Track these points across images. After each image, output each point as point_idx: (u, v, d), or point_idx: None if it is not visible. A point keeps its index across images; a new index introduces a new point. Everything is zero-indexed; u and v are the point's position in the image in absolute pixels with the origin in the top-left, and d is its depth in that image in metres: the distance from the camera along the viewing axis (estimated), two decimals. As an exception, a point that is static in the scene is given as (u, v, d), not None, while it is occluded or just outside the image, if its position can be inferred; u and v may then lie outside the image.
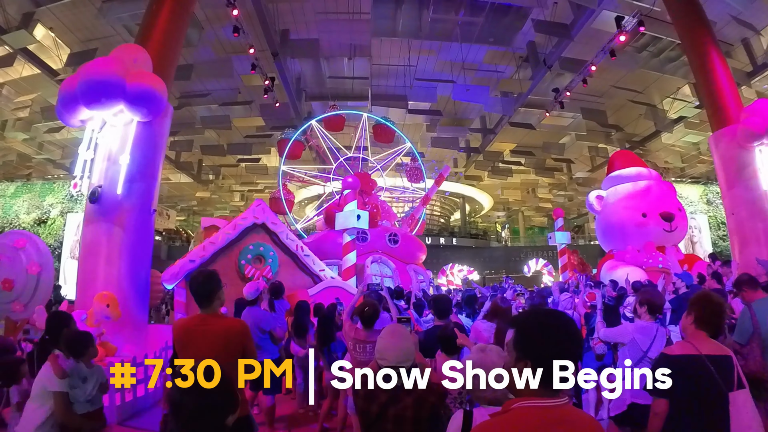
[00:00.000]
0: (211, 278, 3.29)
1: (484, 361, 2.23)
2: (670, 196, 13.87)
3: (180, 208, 36.28)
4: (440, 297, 5.13)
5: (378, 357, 2.54)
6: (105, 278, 7.91)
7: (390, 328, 2.69)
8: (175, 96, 19.78)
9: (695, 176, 27.64)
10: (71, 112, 8.41)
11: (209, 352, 3.00)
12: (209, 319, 3.22)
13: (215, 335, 3.12)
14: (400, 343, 2.52)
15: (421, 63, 19.61)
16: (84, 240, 8.42)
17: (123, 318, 7.41)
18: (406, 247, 15.65)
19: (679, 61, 17.73)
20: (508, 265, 29.51)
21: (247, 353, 3.22)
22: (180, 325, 3.32)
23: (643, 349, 3.98)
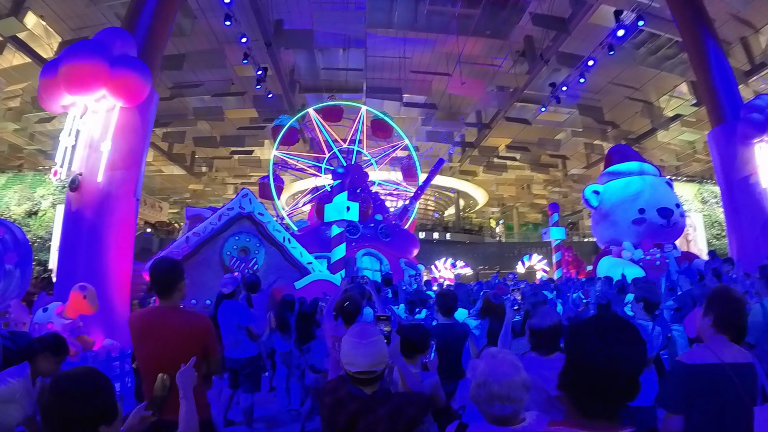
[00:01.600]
0: (173, 267, 3.02)
1: (495, 371, 1.84)
2: (668, 192, 13.65)
3: (173, 201, 35.93)
4: (446, 292, 4.59)
5: (345, 362, 2.21)
6: (85, 269, 7.68)
7: (357, 327, 2.35)
8: (167, 86, 19.50)
9: (690, 175, 27.53)
10: (53, 97, 8.19)
11: (166, 348, 2.78)
12: (168, 312, 2.95)
13: (174, 331, 2.85)
14: (369, 344, 2.19)
15: (416, 55, 19.35)
16: (64, 229, 8.21)
17: (103, 310, 7.18)
18: (398, 240, 15.43)
19: (677, 59, 17.62)
20: (502, 262, 29.26)
21: (208, 352, 2.97)
22: (136, 317, 3.04)
23: None
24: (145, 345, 2.90)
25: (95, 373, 1.69)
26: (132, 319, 3.01)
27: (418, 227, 30.92)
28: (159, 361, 2.75)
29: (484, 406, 1.83)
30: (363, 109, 18.51)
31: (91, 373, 1.68)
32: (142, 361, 3.03)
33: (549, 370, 2.69)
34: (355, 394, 2.15)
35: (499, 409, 1.80)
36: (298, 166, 19.21)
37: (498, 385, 1.79)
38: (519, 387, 1.81)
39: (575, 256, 19.35)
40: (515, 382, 1.81)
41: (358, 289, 5.74)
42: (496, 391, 1.79)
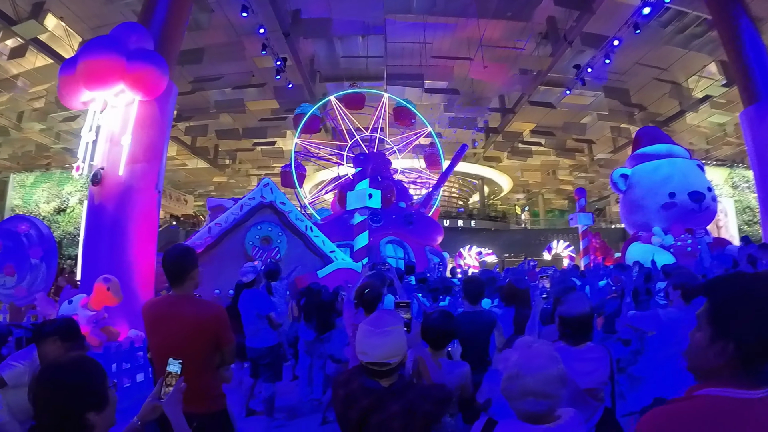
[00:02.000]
0: (185, 254, 2.94)
1: (530, 363, 1.69)
2: (699, 175, 13.20)
3: (197, 194, 36.40)
4: (473, 278, 4.37)
5: (358, 351, 2.08)
6: (109, 261, 7.76)
7: (374, 315, 2.22)
8: (188, 80, 19.61)
9: (720, 159, 26.75)
10: (72, 94, 8.27)
11: (178, 338, 2.71)
12: (180, 301, 2.87)
13: (186, 320, 2.77)
14: (384, 334, 2.04)
15: (437, 41, 19.04)
16: (87, 223, 8.31)
17: (127, 302, 7.24)
18: (421, 228, 15.28)
19: (706, 37, 16.90)
20: (527, 249, 28.92)
21: (221, 342, 2.89)
22: (148, 306, 2.97)
23: (673, 339, 3.48)
24: (157, 334, 2.85)
25: (83, 361, 1.64)
26: (144, 308, 2.95)
27: (442, 215, 30.73)
28: (170, 351, 2.67)
29: (516, 402, 1.68)
30: (385, 97, 18.33)
31: (78, 361, 1.63)
32: (154, 350, 3.00)
33: (579, 361, 2.54)
34: (368, 386, 2.02)
35: (533, 405, 1.65)
36: (320, 154, 19.12)
37: (532, 379, 1.64)
38: (555, 381, 1.66)
39: (603, 242, 19.00)
40: (551, 375, 1.66)
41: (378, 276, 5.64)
42: (530, 385, 1.64)
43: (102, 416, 1.58)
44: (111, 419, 1.64)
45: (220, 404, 2.92)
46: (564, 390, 1.68)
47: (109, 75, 7.79)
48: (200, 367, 2.78)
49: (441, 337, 3.09)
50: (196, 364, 2.73)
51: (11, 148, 25.03)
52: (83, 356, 1.68)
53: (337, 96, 18.29)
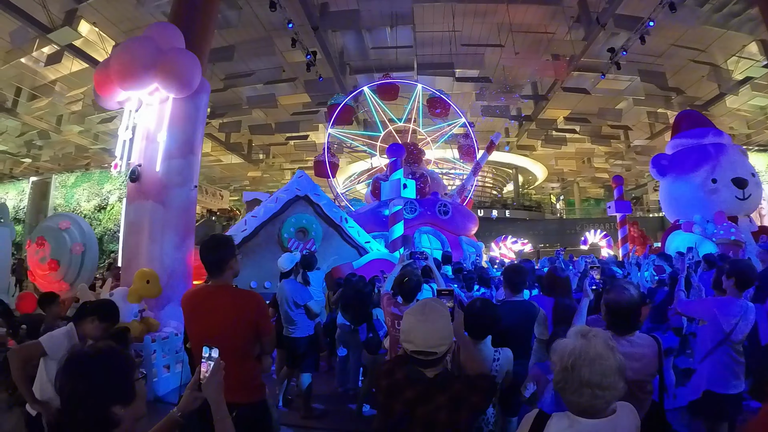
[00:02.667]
0: (223, 244, 2.95)
1: (586, 353, 1.60)
2: (742, 161, 12.68)
3: (233, 189, 36.98)
4: (514, 268, 4.21)
5: (403, 339, 2.04)
6: (148, 255, 7.91)
7: (420, 302, 2.16)
8: (220, 78, 19.90)
9: (763, 144, 25.72)
10: (108, 94, 8.45)
11: (218, 327, 2.72)
12: (219, 290, 2.87)
13: (224, 309, 2.78)
14: (431, 322, 1.99)
15: (466, 28, 18.77)
16: (127, 218, 8.51)
17: (166, 294, 7.39)
18: (456, 218, 15.16)
19: (744, 15, 16.15)
20: (563, 238, 28.58)
21: (261, 332, 2.90)
22: (188, 296, 2.98)
23: (725, 330, 3.35)
24: (196, 323, 2.85)
25: (109, 352, 1.59)
26: (184, 298, 2.97)
27: (476, 204, 30.49)
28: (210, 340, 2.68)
29: (571, 395, 1.60)
30: (419, 87, 18.18)
31: (103, 352, 1.58)
32: (193, 339, 2.99)
33: (627, 351, 2.44)
34: (414, 377, 1.97)
35: (589, 398, 1.57)
36: (353, 145, 19.08)
37: (589, 370, 1.56)
38: (614, 373, 1.58)
39: (641, 231, 18.55)
40: (610, 366, 1.58)
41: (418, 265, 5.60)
42: (586, 376, 1.56)
43: (129, 410, 1.54)
44: (139, 412, 1.60)
45: (260, 394, 2.93)
46: (623, 382, 1.60)
47: (143, 74, 7.91)
48: (240, 356, 2.79)
49: (484, 326, 3.03)
50: (236, 354, 2.75)
51: (52, 150, 26.08)
52: (110, 347, 1.62)
53: (370, 86, 18.19)
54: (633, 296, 2.58)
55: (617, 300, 2.57)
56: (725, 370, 3.37)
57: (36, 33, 15.15)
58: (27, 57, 17.20)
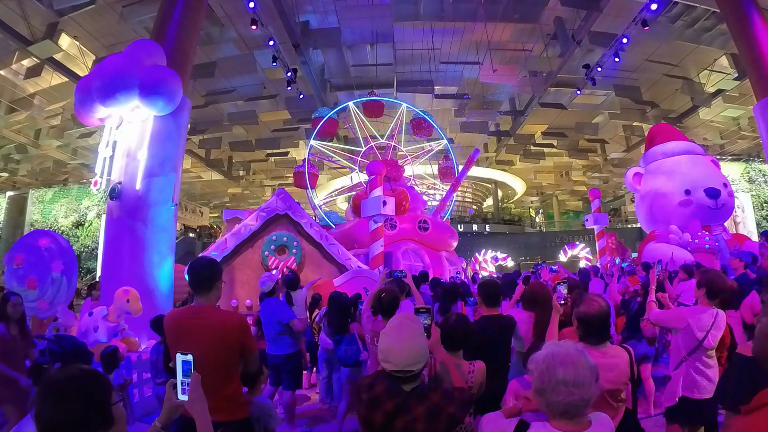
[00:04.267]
0: (214, 265, 3.02)
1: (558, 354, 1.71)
2: (714, 171, 13.05)
3: (213, 205, 36.77)
4: (489, 281, 4.32)
5: (381, 359, 2.09)
6: (128, 274, 7.86)
7: (396, 321, 2.21)
8: (201, 94, 19.90)
9: (736, 153, 26.43)
10: (88, 110, 8.43)
11: (203, 348, 2.71)
12: (205, 311, 2.91)
13: (211, 329, 2.81)
14: (407, 341, 2.06)
15: (445, 46, 19.11)
16: (106, 237, 8.44)
17: (147, 314, 7.33)
18: (436, 234, 15.27)
19: (715, 30, 16.76)
20: (543, 251, 28.83)
21: (246, 350, 2.94)
22: (172, 317, 3.00)
23: (698, 337, 3.47)
24: (181, 343, 2.77)
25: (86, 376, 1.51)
26: (167, 319, 2.98)
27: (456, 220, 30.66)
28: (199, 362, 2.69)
29: (549, 394, 1.68)
30: (403, 106, 18.33)
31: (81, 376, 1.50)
32: None
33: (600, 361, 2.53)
34: (393, 390, 2.03)
35: (566, 395, 1.64)
36: (334, 158, 19.06)
37: (563, 368, 1.66)
38: (586, 369, 1.67)
39: (619, 242, 18.83)
40: (582, 363, 1.67)
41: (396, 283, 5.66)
42: (560, 374, 1.65)
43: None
44: None
45: (244, 412, 2.95)
46: (596, 383, 1.69)
47: (124, 91, 7.92)
48: (225, 375, 2.83)
49: (459, 339, 3.10)
50: (221, 373, 2.79)
51: (30, 164, 25.61)
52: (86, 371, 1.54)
53: (356, 102, 18.31)
54: (602, 307, 2.67)
55: (587, 312, 2.66)
56: (699, 376, 3.48)
57: (16, 45, 15.03)
58: (6, 69, 16.99)
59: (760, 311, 4.77)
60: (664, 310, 4.19)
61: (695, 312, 3.60)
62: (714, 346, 3.50)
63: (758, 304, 5.41)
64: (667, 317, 3.87)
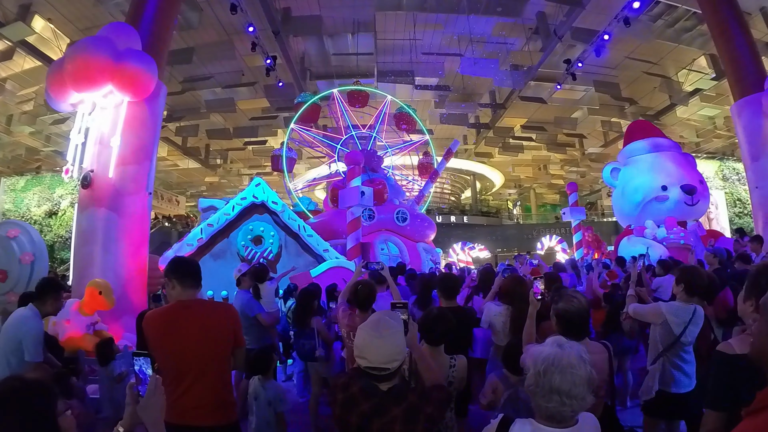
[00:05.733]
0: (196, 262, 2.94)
1: (560, 361, 1.64)
2: (691, 168, 13.23)
3: (189, 194, 36.32)
4: (448, 276, 4.60)
5: (357, 355, 2.03)
6: (101, 265, 7.69)
7: (373, 318, 2.14)
8: (178, 80, 19.57)
9: (711, 151, 26.94)
10: (60, 95, 8.19)
11: (196, 341, 2.62)
12: (193, 304, 2.75)
13: (207, 322, 2.69)
14: (384, 338, 1.99)
15: (427, 37, 19.02)
16: (78, 227, 8.21)
17: (120, 306, 7.18)
18: (414, 225, 15.24)
19: (695, 31, 17.06)
20: (520, 243, 28.99)
21: (237, 342, 2.85)
22: (156, 316, 2.76)
23: (675, 333, 3.51)
24: (171, 342, 2.62)
25: (27, 388, 1.44)
26: (149, 320, 2.73)
27: (434, 211, 30.71)
28: (188, 357, 2.59)
29: (540, 399, 1.65)
30: (388, 99, 18.16)
31: (21, 388, 1.43)
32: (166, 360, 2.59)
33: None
34: (369, 390, 1.98)
35: (557, 404, 1.61)
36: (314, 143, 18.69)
37: (561, 377, 1.61)
38: (584, 383, 1.62)
39: (596, 236, 19.03)
40: (580, 377, 1.62)
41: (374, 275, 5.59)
42: (557, 383, 1.60)
43: None
44: None
45: (234, 414, 2.83)
46: (591, 395, 1.65)
47: (98, 76, 7.69)
48: (218, 372, 2.72)
49: (441, 333, 3.05)
50: (215, 370, 2.69)
51: (1, 152, 24.87)
52: (25, 382, 1.46)
53: (341, 90, 18.10)
54: (581, 304, 2.68)
55: (566, 309, 2.67)
56: (676, 370, 3.53)
57: (-14, 27, 14.46)
58: (-25, 52, 16.39)
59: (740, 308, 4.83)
60: (643, 304, 4.23)
61: (674, 307, 3.63)
62: (692, 341, 3.54)
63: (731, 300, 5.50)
64: (645, 311, 3.90)
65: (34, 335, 3.75)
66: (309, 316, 5.26)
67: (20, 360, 3.69)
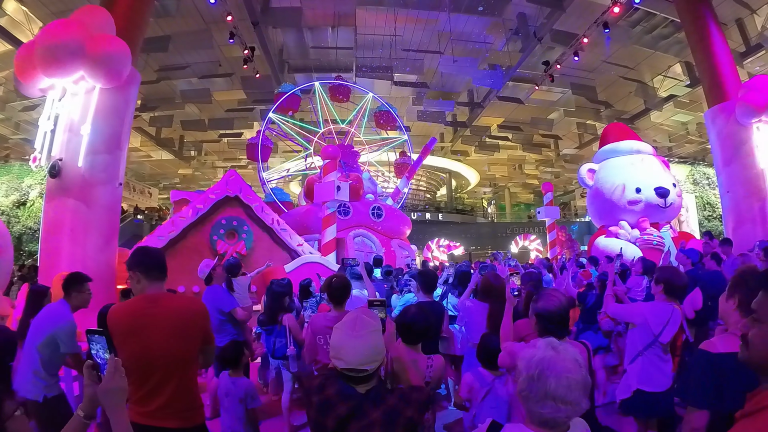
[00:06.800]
0: (161, 251, 2.75)
1: (555, 365, 1.56)
2: (664, 171, 13.48)
3: (162, 186, 35.63)
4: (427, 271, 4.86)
5: (332, 356, 1.92)
6: (69, 258, 7.48)
7: (351, 316, 2.02)
8: (153, 69, 19.17)
9: (682, 156, 27.49)
10: (29, 80, 7.93)
11: (163, 339, 2.44)
12: (161, 298, 2.56)
13: (172, 317, 2.50)
14: (361, 338, 1.89)
15: (407, 33, 18.96)
16: (46, 217, 7.95)
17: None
18: (390, 221, 15.19)
19: (672, 38, 17.45)
20: (494, 241, 29.21)
21: (206, 340, 2.66)
22: (121, 311, 2.55)
23: (654, 332, 3.55)
24: (136, 340, 2.42)
25: None
26: (113, 316, 2.51)
27: (409, 207, 30.74)
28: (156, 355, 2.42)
29: (534, 404, 1.56)
30: (369, 96, 18.03)
31: None
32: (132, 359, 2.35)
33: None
34: (346, 393, 1.88)
35: (552, 410, 1.53)
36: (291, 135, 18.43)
37: (556, 382, 1.52)
38: (579, 388, 1.54)
39: (569, 235, 19.28)
40: (576, 381, 1.54)
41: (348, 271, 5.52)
42: (552, 388, 1.52)
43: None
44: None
45: (201, 416, 2.67)
46: (586, 400, 1.58)
47: (69, 61, 7.45)
48: (186, 370, 2.57)
49: (419, 332, 2.95)
50: (184, 369, 2.54)
51: (-32, 139, 24.08)
52: None
53: (323, 83, 17.91)
54: (562, 302, 2.62)
55: (547, 308, 2.60)
56: (654, 369, 3.57)
57: (-46, 9, 13.93)
58: (-57, 35, 15.76)
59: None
60: (622, 304, 4.26)
61: (654, 307, 3.67)
62: (669, 341, 3.59)
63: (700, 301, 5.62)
64: (625, 312, 3.93)
65: (67, 328, 3.70)
66: (280, 314, 5.15)
67: (53, 352, 3.63)
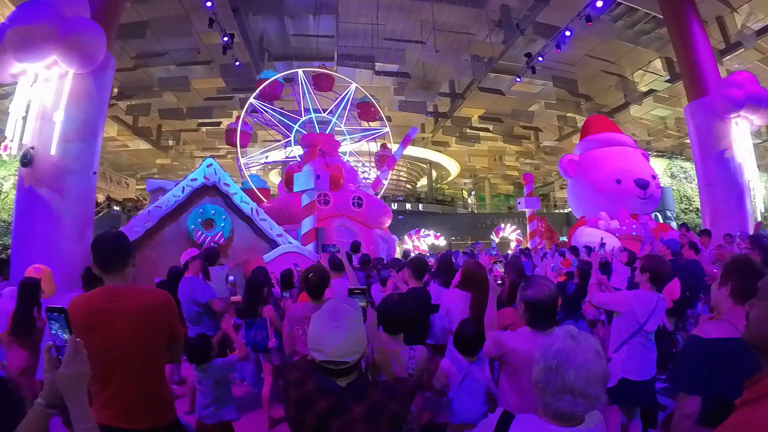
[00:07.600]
0: (122, 237, 2.48)
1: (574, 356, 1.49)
2: (644, 164, 13.68)
3: (140, 177, 35.02)
4: (418, 257, 4.80)
5: (311, 347, 1.81)
6: (41, 250, 7.27)
7: (329, 306, 1.90)
8: (130, 56, 18.76)
9: (660, 150, 27.85)
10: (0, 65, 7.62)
11: (127, 335, 2.29)
12: (124, 291, 2.38)
13: (135, 312, 2.33)
14: (342, 328, 1.78)
15: (389, 22, 18.83)
16: (17, 208, 7.74)
17: (61, 293, 6.80)
18: (370, 210, 15.11)
19: (653, 34, 17.67)
20: (475, 232, 29.31)
21: (174, 334, 2.51)
22: (79, 304, 2.37)
23: (640, 321, 3.57)
24: (97, 334, 2.25)
25: None
26: (74, 307, 2.33)
27: (390, 198, 30.72)
28: (117, 351, 2.28)
29: (550, 398, 1.50)
30: (353, 86, 17.86)
31: None
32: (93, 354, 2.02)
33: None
34: (326, 387, 1.78)
35: (569, 404, 1.46)
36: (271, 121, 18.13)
37: (575, 374, 1.46)
38: (599, 381, 1.48)
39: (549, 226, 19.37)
40: (596, 374, 1.47)
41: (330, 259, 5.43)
42: (570, 381, 1.46)
43: None
44: None
45: (172, 413, 2.55)
46: (605, 394, 1.52)
47: (41, 44, 7.24)
48: (153, 367, 2.45)
49: (401, 322, 2.87)
50: (149, 364, 2.41)
51: (-65, 128, 23.31)
52: None
53: (305, 70, 17.67)
54: (552, 291, 2.54)
55: (536, 296, 2.51)
56: (639, 358, 3.60)
57: None
58: None
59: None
60: (607, 293, 4.28)
61: (639, 296, 3.68)
62: (654, 330, 3.61)
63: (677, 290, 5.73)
64: (611, 300, 3.94)
65: None
66: (259, 305, 5.05)
67: None
